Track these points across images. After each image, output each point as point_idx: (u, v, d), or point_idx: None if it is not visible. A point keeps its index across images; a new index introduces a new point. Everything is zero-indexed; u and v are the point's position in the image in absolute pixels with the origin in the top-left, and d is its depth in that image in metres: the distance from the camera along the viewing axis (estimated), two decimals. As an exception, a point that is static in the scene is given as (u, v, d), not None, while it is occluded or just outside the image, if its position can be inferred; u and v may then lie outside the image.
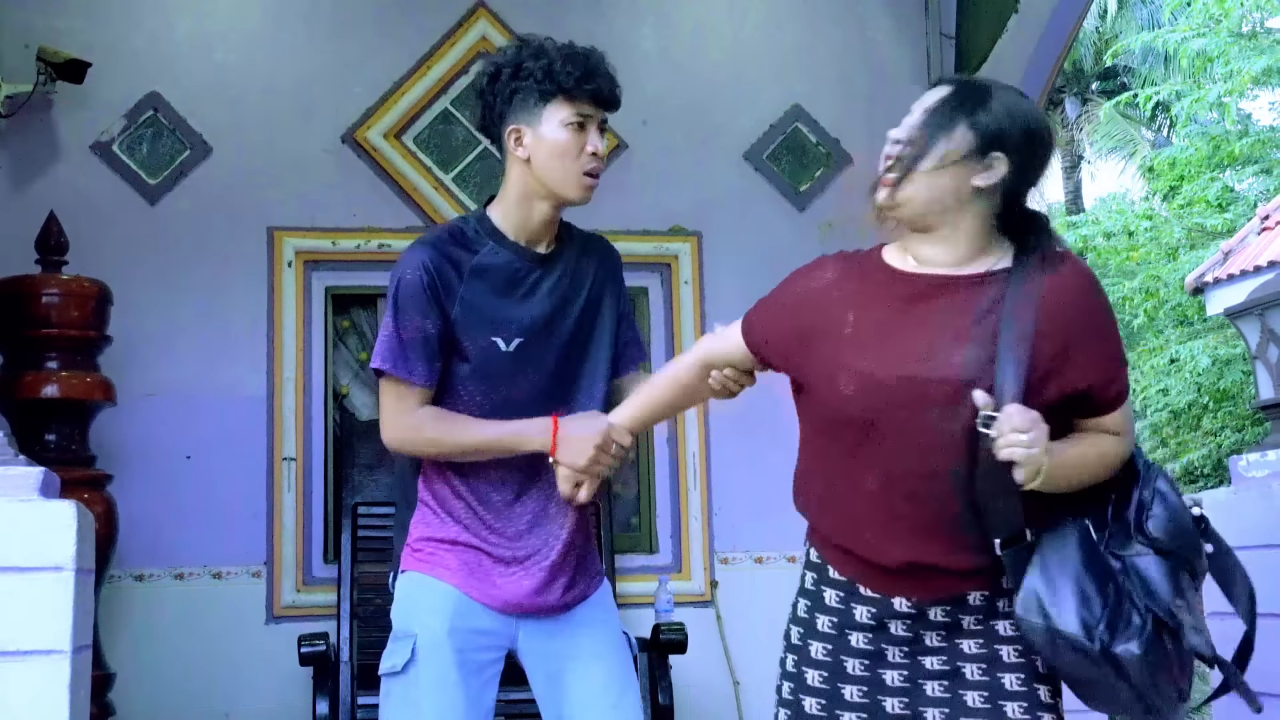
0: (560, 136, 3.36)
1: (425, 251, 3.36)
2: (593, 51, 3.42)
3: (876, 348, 2.82)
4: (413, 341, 3.33)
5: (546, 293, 3.43)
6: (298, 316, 6.90)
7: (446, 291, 3.33)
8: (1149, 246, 19.02)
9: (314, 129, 7.06)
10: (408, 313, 3.34)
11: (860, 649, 2.93)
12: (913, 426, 2.76)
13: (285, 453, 6.81)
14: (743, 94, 7.48)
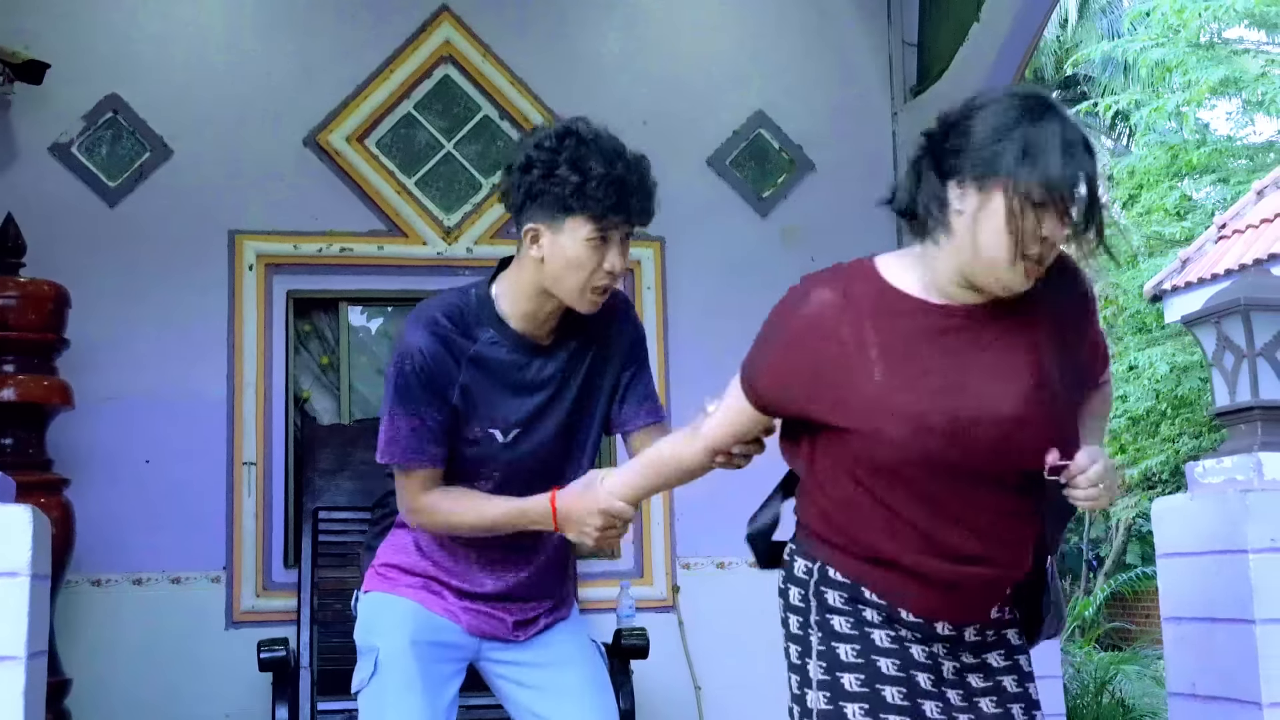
0: (579, 252, 3.20)
1: (424, 338, 3.29)
2: (632, 167, 3.24)
3: (917, 387, 2.66)
4: (418, 431, 3.30)
5: (544, 382, 3.35)
6: (259, 320, 6.86)
7: (447, 381, 3.28)
8: (1108, 254, 19.10)
9: (276, 132, 7.03)
10: (410, 404, 3.29)
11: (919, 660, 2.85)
12: (968, 465, 2.67)
13: (245, 457, 6.77)
14: (707, 100, 7.47)
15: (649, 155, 7.33)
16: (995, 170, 2.55)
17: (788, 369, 2.79)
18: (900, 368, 2.68)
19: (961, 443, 2.64)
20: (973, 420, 2.64)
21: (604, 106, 7.21)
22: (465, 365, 3.29)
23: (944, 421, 2.64)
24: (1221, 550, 4.12)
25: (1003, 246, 2.55)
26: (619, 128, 7.48)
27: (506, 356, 3.32)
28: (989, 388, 2.66)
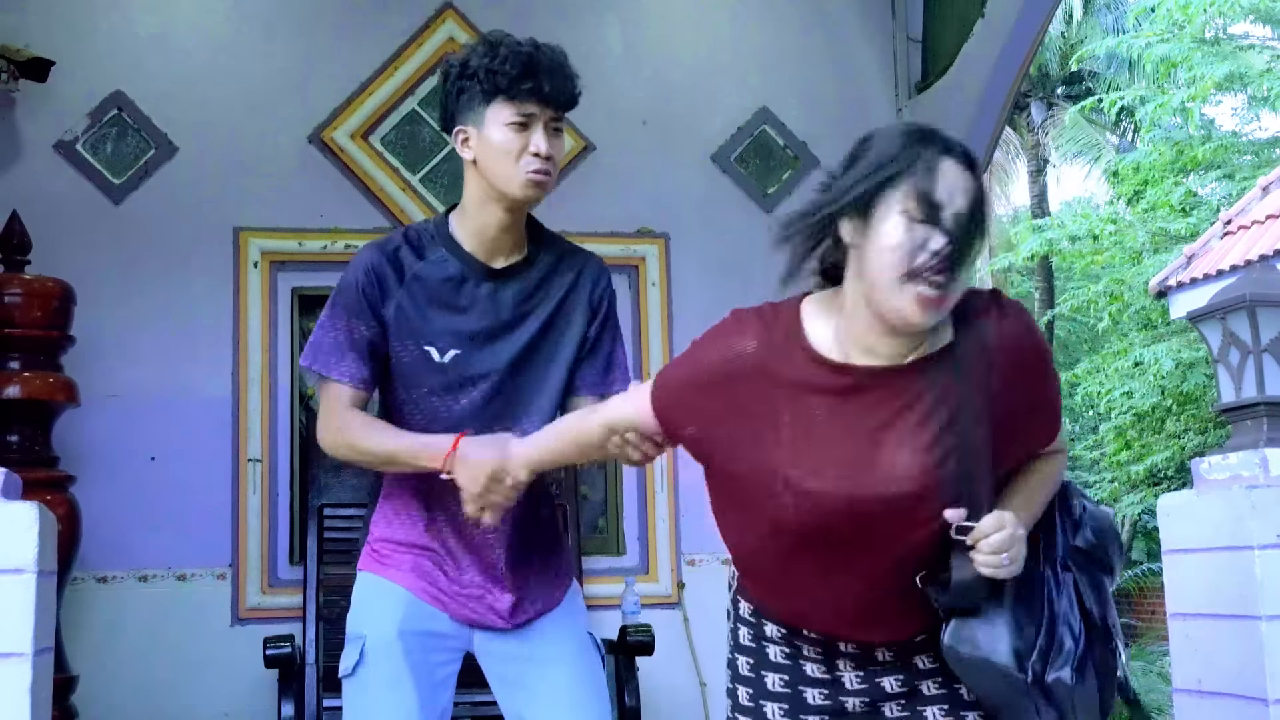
0: (501, 137, 3.22)
1: (371, 254, 3.31)
2: (542, 49, 3.28)
3: (815, 457, 2.56)
4: (342, 341, 3.30)
5: (495, 307, 3.31)
6: (263, 317, 6.87)
7: (383, 295, 3.27)
8: (1113, 250, 19.06)
9: (280, 129, 7.04)
10: (341, 312, 3.30)
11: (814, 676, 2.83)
12: (863, 540, 2.57)
13: (250, 454, 6.78)
14: (710, 96, 7.48)
15: (653, 152, 7.32)
16: (878, 193, 2.49)
17: (696, 402, 2.71)
18: (806, 443, 2.58)
19: (858, 519, 2.55)
20: (871, 499, 2.53)
21: (606, 103, 7.27)
22: (407, 282, 3.28)
23: (842, 501, 2.54)
24: (1227, 546, 4.11)
25: (887, 267, 2.47)
26: (621, 125, 7.50)
27: (452, 273, 3.30)
28: (893, 461, 2.54)
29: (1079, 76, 26.25)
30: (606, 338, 3.44)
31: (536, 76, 3.23)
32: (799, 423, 2.59)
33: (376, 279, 3.28)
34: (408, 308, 3.28)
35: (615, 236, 7.17)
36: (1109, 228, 18.97)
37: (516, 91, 3.22)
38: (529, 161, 3.22)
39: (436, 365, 3.28)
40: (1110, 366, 19.00)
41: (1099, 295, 18.95)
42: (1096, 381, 19.34)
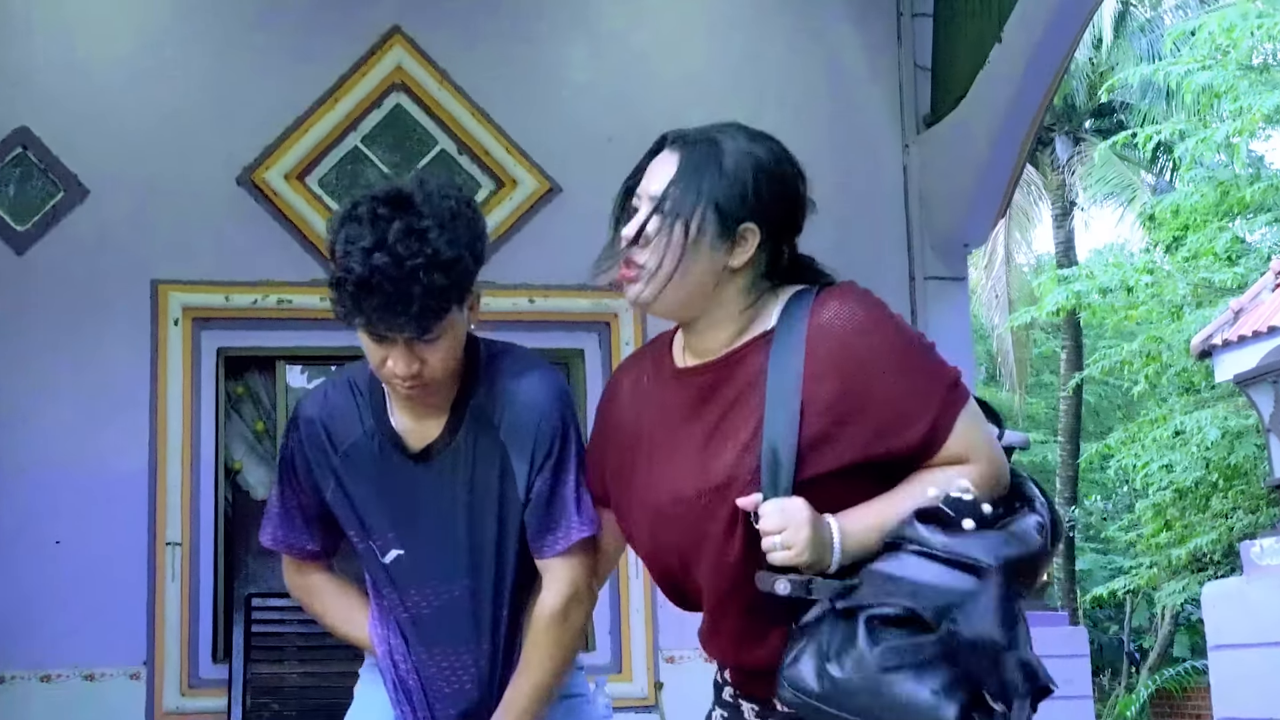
0: (365, 343, 3.08)
1: (311, 408, 3.31)
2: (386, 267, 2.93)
3: (661, 470, 2.82)
4: (286, 515, 3.33)
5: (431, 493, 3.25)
6: (185, 381, 6.87)
7: (321, 468, 3.27)
8: (1150, 304, 19.15)
9: (205, 169, 7.06)
10: (284, 482, 3.33)
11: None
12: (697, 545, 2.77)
13: (169, 536, 6.77)
14: (690, 124, 7.50)
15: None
16: None
17: (596, 457, 3.07)
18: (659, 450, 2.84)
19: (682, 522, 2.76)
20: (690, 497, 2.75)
21: (571, 137, 7.31)
22: (342, 455, 3.27)
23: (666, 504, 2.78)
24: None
25: None
26: (589, 162, 7.54)
27: (381, 447, 3.27)
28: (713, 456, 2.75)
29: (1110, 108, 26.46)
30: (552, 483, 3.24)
31: (370, 313, 2.98)
32: (656, 439, 2.85)
33: (312, 446, 3.27)
34: (348, 488, 3.28)
35: (583, 290, 7.19)
36: (1144, 279, 19.05)
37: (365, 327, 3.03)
38: (389, 376, 3.09)
39: (382, 568, 3.28)
40: (1147, 436, 19.06)
41: (1133, 355, 19.03)
42: (1132, 453, 19.39)
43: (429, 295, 2.95)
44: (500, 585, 3.24)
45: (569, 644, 3.21)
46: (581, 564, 3.20)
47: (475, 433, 3.22)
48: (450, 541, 3.24)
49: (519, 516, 3.22)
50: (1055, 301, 19.67)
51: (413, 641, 3.27)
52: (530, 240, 7.06)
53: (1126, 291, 19.14)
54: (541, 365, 3.30)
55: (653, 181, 2.87)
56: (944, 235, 7.57)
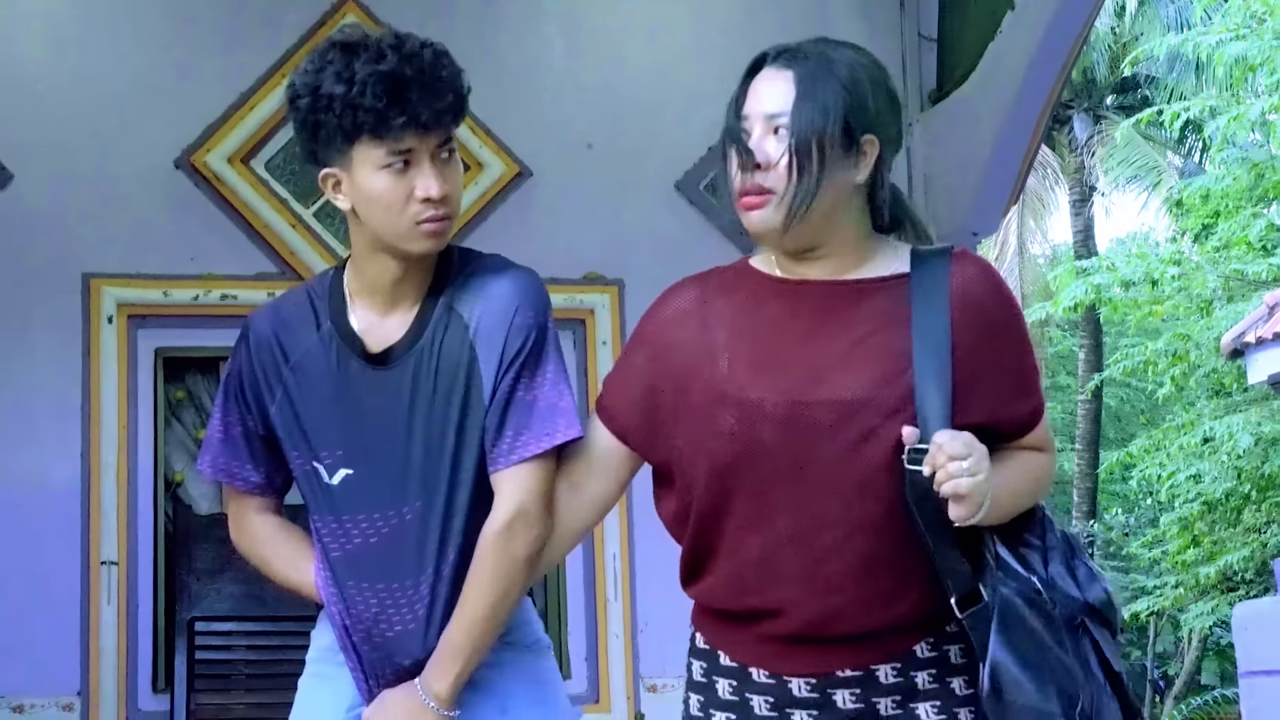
0: (380, 186, 3.15)
1: (258, 322, 3.36)
2: (413, 57, 3.13)
3: (758, 373, 2.96)
4: (235, 437, 3.36)
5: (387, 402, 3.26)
6: (120, 385, 6.87)
7: (266, 382, 3.31)
8: (1176, 299, 19.22)
9: (140, 151, 7.04)
10: (225, 404, 3.36)
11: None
12: (809, 461, 2.90)
13: (104, 555, 6.76)
14: (674, 111, 7.51)
15: (604, 179, 7.36)
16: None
17: (645, 374, 3.14)
18: (745, 353, 2.99)
19: (801, 433, 2.90)
20: (816, 405, 2.90)
21: (545, 121, 7.33)
22: (293, 366, 3.30)
23: (783, 407, 2.91)
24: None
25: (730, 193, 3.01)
26: (564, 147, 7.54)
27: (337, 352, 3.30)
28: (842, 369, 2.92)
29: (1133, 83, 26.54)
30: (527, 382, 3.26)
31: (409, 103, 3.11)
32: (740, 343, 3.01)
33: (260, 359, 3.31)
34: (295, 402, 3.30)
35: (557, 284, 7.12)
36: (1171, 270, 19.09)
37: (386, 129, 3.12)
38: (418, 210, 3.17)
39: (330, 491, 3.29)
40: (1173, 443, 19.14)
41: (1158, 355, 19.09)
42: (1156, 462, 19.47)
43: (455, 81, 3.17)
44: (451, 507, 3.23)
45: (512, 574, 3.19)
46: (535, 480, 3.20)
47: (443, 332, 3.26)
48: (403, 457, 3.24)
49: (481, 426, 3.23)
50: (1073, 296, 19.71)
51: (346, 577, 3.27)
52: (498, 229, 7.06)
53: (1151, 285, 19.18)
54: (526, 269, 3.34)
55: (766, 101, 3.00)
56: (950, 224, 7.58)
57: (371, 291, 3.30)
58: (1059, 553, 2.99)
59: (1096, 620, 2.95)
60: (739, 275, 3.13)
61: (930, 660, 2.96)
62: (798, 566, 2.92)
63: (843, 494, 2.88)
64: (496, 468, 3.21)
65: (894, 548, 2.89)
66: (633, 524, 7.15)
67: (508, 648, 3.34)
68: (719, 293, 3.11)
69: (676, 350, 3.07)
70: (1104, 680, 2.91)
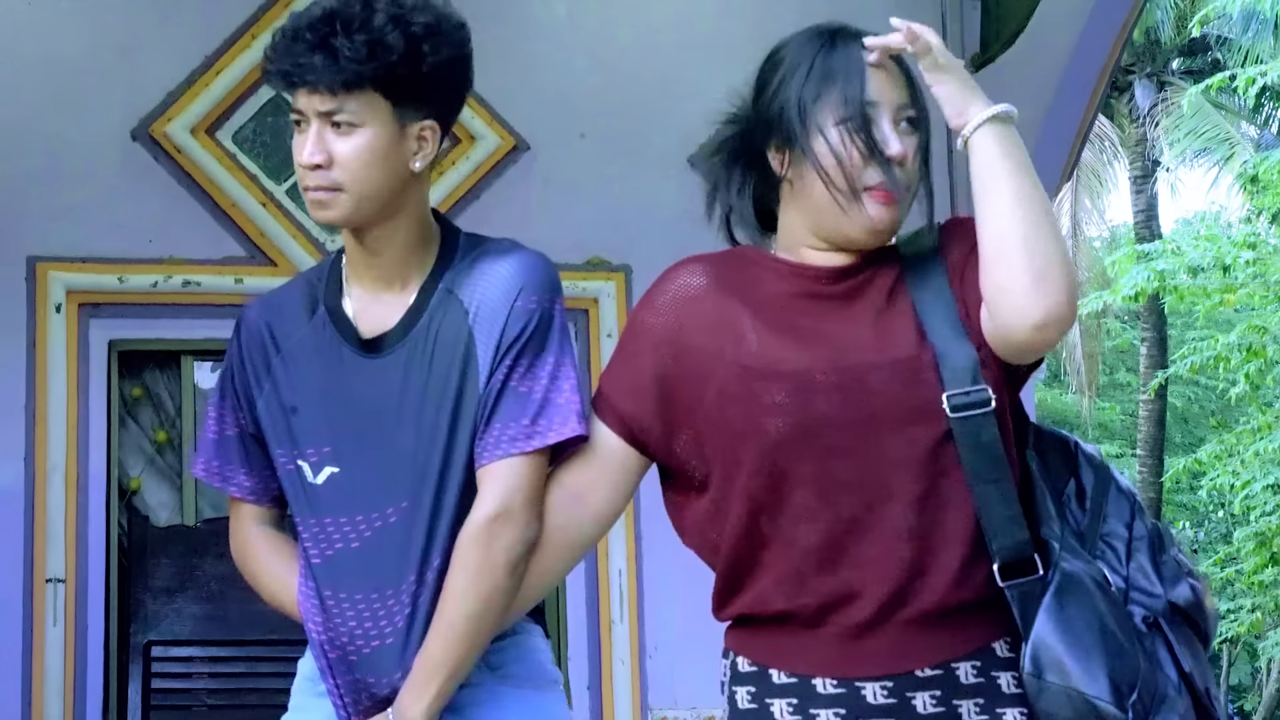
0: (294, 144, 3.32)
1: (250, 310, 3.45)
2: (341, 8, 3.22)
3: (793, 345, 3.07)
4: (225, 440, 3.44)
5: (378, 392, 3.33)
6: (70, 381, 6.89)
7: (256, 375, 3.39)
8: (1251, 286, 19.21)
9: (94, 121, 7.07)
10: (218, 400, 3.45)
11: None
12: (870, 428, 3.02)
13: (50, 572, 6.78)
14: (689, 79, 7.48)
15: (611, 154, 7.35)
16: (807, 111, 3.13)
17: (653, 362, 3.19)
18: (776, 329, 3.11)
19: (853, 394, 3.02)
20: (863, 366, 3.04)
21: (545, 90, 7.36)
22: (284, 354, 3.38)
23: (831, 373, 3.03)
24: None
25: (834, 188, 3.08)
26: (566, 119, 7.56)
27: (328, 338, 3.38)
28: (877, 335, 3.08)
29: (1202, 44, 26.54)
30: (522, 373, 3.31)
31: (284, 55, 3.23)
32: (765, 320, 3.12)
33: (251, 351, 3.39)
34: (283, 392, 3.38)
35: (559, 270, 7.22)
36: (1245, 255, 19.10)
37: (273, 80, 3.29)
38: (300, 174, 3.29)
39: (314, 491, 3.35)
40: (1248, 449, 19.15)
41: (1231, 349, 19.09)
42: (1228, 469, 19.49)
43: (344, 52, 3.17)
44: (439, 507, 3.28)
45: (493, 579, 3.22)
46: (522, 478, 3.24)
47: (441, 318, 3.32)
48: (391, 453, 3.29)
49: (475, 421, 3.28)
50: (1133, 283, 19.72)
51: (326, 587, 3.31)
52: (492, 206, 7.09)
53: (1222, 270, 19.20)
54: (534, 251, 3.43)
55: (892, 91, 3.17)
56: (996, 203, 7.63)
57: (360, 271, 3.38)
58: (1145, 543, 3.09)
59: (1178, 620, 3.04)
60: (743, 259, 3.27)
61: (1011, 661, 3.04)
62: (868, 543, 3.00)
63: (906, 459, 3.00)
64: (480, 462, 3.26)
65: (963, 514, 3.00)
66: (640, 537, 7.18)
67: (506, 680, 3.39)
68: (729, 271, 3.23)
69: (691, 332, 3.15)
70: (1177, 677, 2.98)
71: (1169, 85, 26.33)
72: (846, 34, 3.20)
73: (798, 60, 3.19)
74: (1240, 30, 24.48)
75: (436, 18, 3.31)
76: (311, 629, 3.35)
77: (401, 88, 3.25)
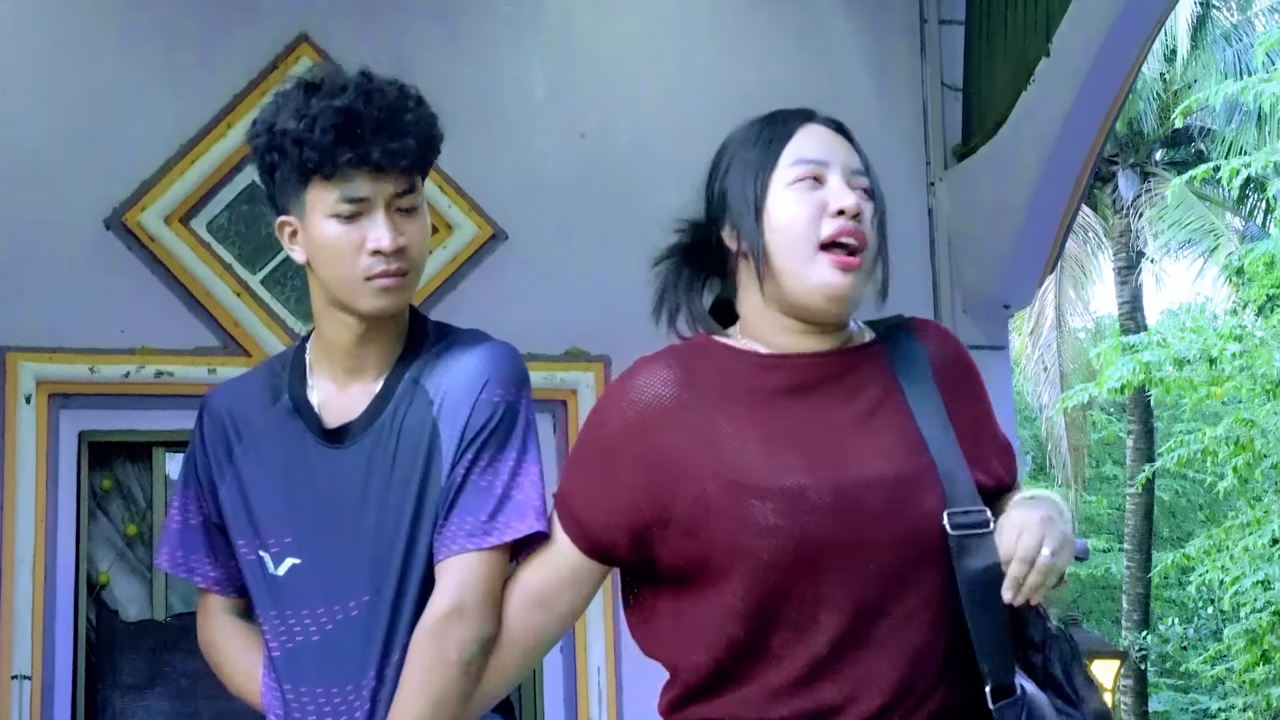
0: (331, 233, 3.24)
1: (212, 398, 3.47)
2: (374, 93, 3.26)
3: (779, 456, 2.99)
4: (190, 530, 3.44)
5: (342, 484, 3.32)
6: (39, 472, 6.86)
7: (218, 463, 3.40)
8: (1238, 379, 19.26)
9: (65, 208, 7.05)
10: (182, 489, 3.46)
11: None
12: (861, 548, 2.96)
13: (16, 668, 6.74)
14: (668, 163, 7.48)
15: (590, 239, 7.35)
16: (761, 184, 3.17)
17: (621, 477, 3.10)
18: (759, 436, 3.03)
19: (849, 516, 2.96)
20: (858, 484, 2.98)
21: (523, 172, 7.36)
22: (246, 444, 3.38)
23: (826, 492, 2.97)
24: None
25: (795, 244, 3.09)
26: (544, 203, 7.55)
27: (292, 431, 3.37)
28: (867, 445, 3.04)
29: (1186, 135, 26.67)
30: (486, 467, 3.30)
31: (359, 141, 3.20)
32: (742, 427, 3.05)
33: (212, 441, 3.40)
34: (245, 483, 3.38)
35: (535, 360, 7.15)
36: (1231, 347, 19.16)
37: (335, 168, 3.20)
38: (368, 263, 3.24)
39: (273, 582, 3.35)
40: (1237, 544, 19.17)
41: (1219, 443, 19.13)
42: (1218, 565, 19.50)
43: (421, 125, 3.27)
44: (400, 601, 3.26)
45: (445, 679, 3.18)
46: (479, 574, 3.22)
47: (406, 408, 3.31)
48: (354, 545, 3.28)
49: (436, 510, 3.27)
50: (1119, 375, 19.78)
51: (285, 680, 3.30)
52: (470, 296, 7.09)
53: (1209, 363, 19.26)
54: (502, 343, 3.43)
55: (844, 155, 3.19)
56: (980, 293, 7.64)
57: (331, 360, 3.38)
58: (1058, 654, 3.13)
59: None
60: (704, 351, 3.19)
61: None
62: (855, 660, 2.98)
63: (899, 580, 2.98)
64: (438, 556, 3.24)
65: (944, 634, 3.00)
66: (619, 633, 7.15)
67: None
68: (693, 369, 3.15)
69: (663, 442, 3.06)
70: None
71: (1153, 176, 26.44)
72: (791, 111, 3.26)
73: (742, 140, 3.28)
74: (1224, 121, 24.61)
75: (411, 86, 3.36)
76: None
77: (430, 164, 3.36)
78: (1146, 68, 21.51)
